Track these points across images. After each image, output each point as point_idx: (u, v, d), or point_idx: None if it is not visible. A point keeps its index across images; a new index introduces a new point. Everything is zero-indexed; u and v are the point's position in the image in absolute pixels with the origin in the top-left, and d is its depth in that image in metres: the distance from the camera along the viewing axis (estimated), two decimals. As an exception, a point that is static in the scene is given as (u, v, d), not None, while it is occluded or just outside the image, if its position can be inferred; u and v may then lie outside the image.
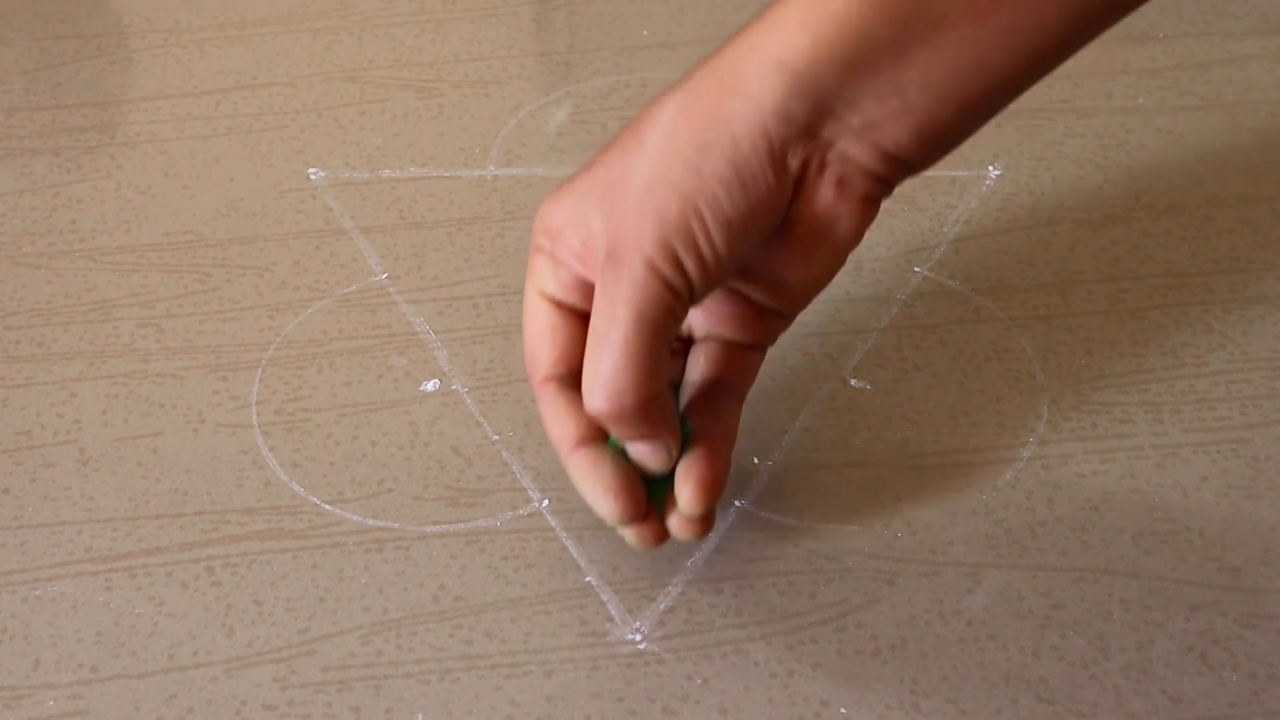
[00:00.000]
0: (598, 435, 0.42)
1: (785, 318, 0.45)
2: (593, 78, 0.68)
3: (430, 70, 0.68)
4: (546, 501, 0.48)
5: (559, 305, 0.43)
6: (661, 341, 0.40)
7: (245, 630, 0.45)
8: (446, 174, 0.63)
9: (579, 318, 0.43)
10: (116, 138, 0.65)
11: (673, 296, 0.40)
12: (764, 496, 0.49)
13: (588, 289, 0.42)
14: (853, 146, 0.40)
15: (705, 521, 0.43)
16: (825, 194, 0.40)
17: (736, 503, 0.48)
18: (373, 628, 0.45)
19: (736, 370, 0.45)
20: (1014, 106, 0.43)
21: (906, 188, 0.60)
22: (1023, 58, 0.39)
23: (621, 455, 0.43)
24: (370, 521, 0.48)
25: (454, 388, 0.53)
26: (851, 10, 0.37)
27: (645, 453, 0.42)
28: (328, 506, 0.49)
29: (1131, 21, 0.45)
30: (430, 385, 0.53)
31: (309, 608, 0.45)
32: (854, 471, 0.49)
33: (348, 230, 0.60)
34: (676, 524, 0.43)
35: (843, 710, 0.42)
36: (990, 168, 0.62)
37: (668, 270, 0.39)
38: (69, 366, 0.54)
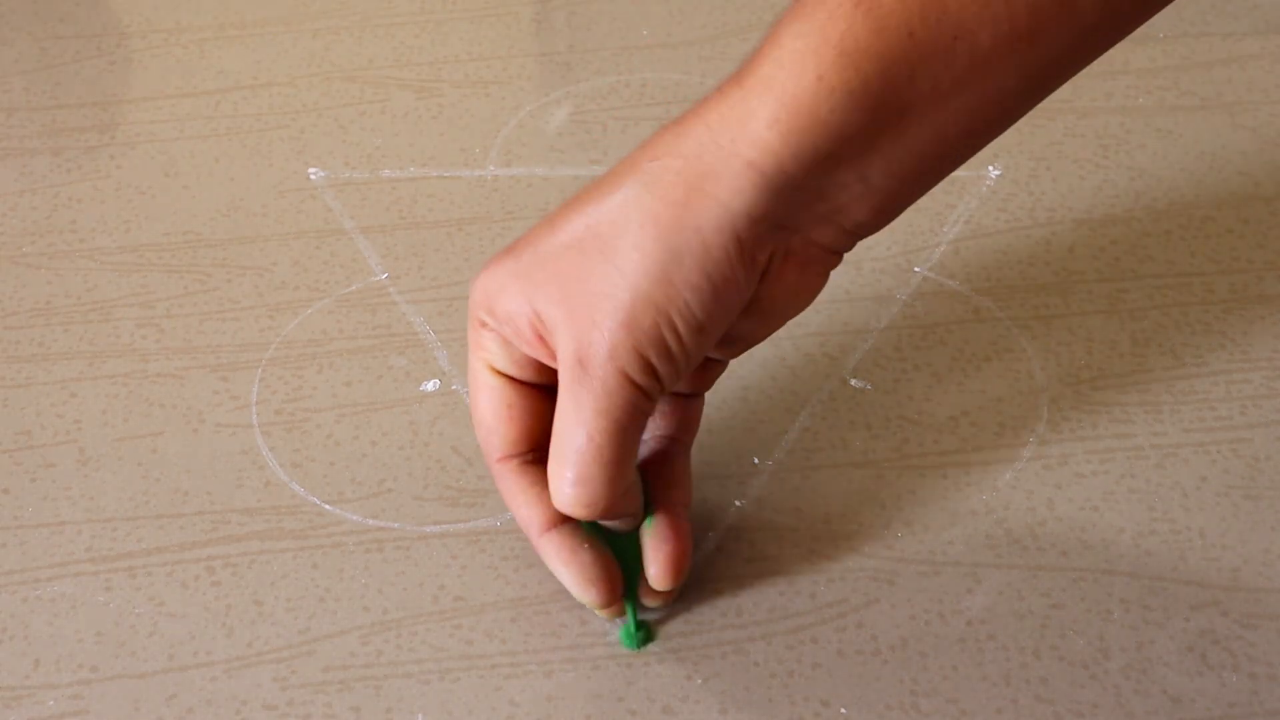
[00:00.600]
0: (567, 516, 0.43)
1: (724, 363, 0.45)
2: (593, 78, 0.68)
3: (430, 70, 0.69)
4: (546, 501, 0.48)
5: (512, 381, 0.43)
6: (632, 443, 0.41)
7: (245, 630, 0.45)
8: (446, 174, 0.63)
9: (535, 392, 0.43)
10: (116, 138, 0.65)
11: (644, 399, 0.40)
12: (764, 496, 0.49)
13: (540, 368, 0.42)
14: (816, 231, 0.40)
15: (675, 591, 0.44)
16: (789, 275, 0.40)
17: (736, 503, 0.48)
18: (373, 628, 0.45)
19: (682, 420, 0.46)
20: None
21: (906, 188, 0.60)
22: (980, 128, 0.39)
23: (592, 530, 0.43)
24: (370, 521, 0.48)
25: (454, 388, 0.53)
26: (821, 104, 0.36)
27: (611, 525, 0.44)
28: (328, 506, 0.49)
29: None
30: (430, 385, 0.53)
31: (309, 608, 0.45)
32: (854, 471, 0.49)
33: (348, 230, 0.60)
34: (647, 595, 0.44)
35: (843, 710, 0.42)
36: (990, 168, 0.62)
37: (640, 378, 0.39)
38: (69, 366, 0.54)
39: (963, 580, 0.46)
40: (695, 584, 0.46)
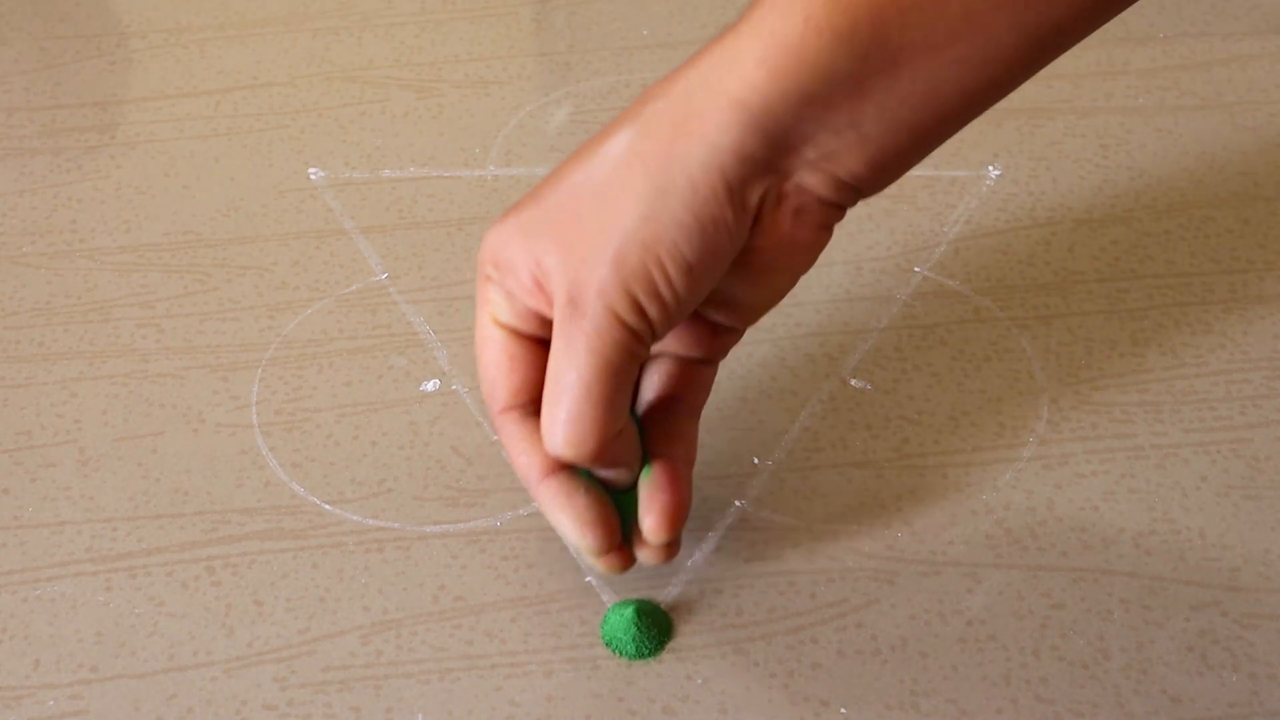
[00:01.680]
0: (564, 463, 0.42)
1: (737, 332, 0.45)
2: (593, 78, 0.68)
3: (430, 70, 0.69)
4: (546, 501, 0.48)
5: (515, 334, 0.43)
6: (623, 385, 0.40)
7: (245, 630, 0.45)
8: (446, 174, 0.63)
9: (537, 345, 0.43)
10: (116, 138, 0.65)
11: (635, 341, 0.39)
12: (764, 496, 0.49)
13: (542, 320, 0.42)
14: (809, 178, 0.39)
15: (672, 548, 0.43)
16: (783, 224, 0.40)
17: (736, 503, 0.48)
18: (373, 628, 0.45)
19: (690, 386, 0.45)
20: (1014, 106, 0.44)
21: (906, 188, 0.61)
22: (975, 86, 0.39)
23: (590, 479, 0.43)
24: (370, 521, 0.48)
25: (454, 388, 0.53)
26: (809, 45, 0.36)
27: (607, 475, 0.43)
28: (328, 506, 0.49)
29: (1131, 21, 0.45)
30: (430, 385, 0.53)
31: (309, 608, 0.45)
32: (854, 471, 0.49)
33: (348, 230, 0.60)
34: (643, 551, 0.43)
35: (843, 710, 0.42)
36: (990, 168, 0.62)
37: (629, 317, 0.39)
38: (69, 366, 0.54)
39: (963, 580, 0.46)
40: (695, 584, 0.46)
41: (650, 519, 0.42)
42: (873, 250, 0.58)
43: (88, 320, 0.56)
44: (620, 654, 0.44)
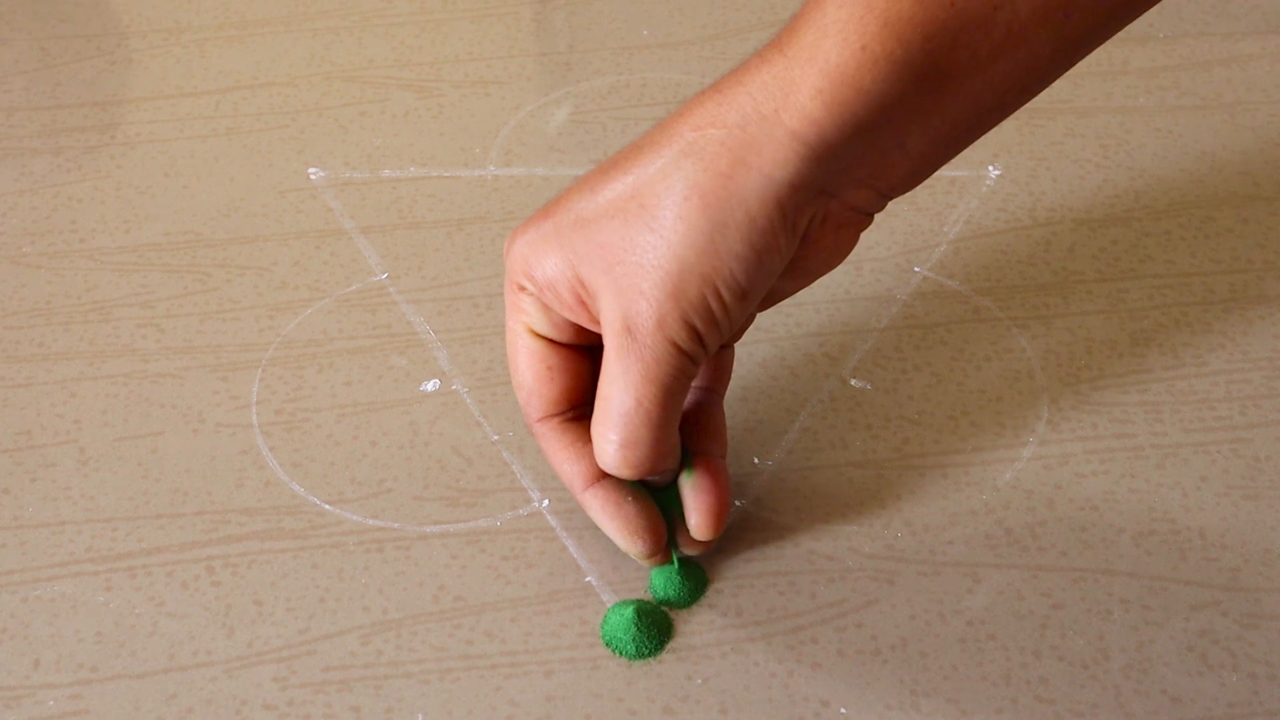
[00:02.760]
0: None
1: (754, 316, 0.46)
2: (593, 78, 0.68)
3: (430, 70, 0.69)
4: (546, 501, 0.48)
5: (551, 344, 0.44)
6: (679, 405, 0.42)
7: (245, 630, 0.45)
8: (446, 174, 0.63)
9: (573, 354, 0.44)
10: (116, 138, 0.65)
11: (691, 364, 0.41)
12: (764, 496, 0.49)
13: (579, 329, 0.43)
14: (854, 195, 0.40)
15: (714, 541, 0.45)
16: (826, 236, 0.41)
17: (737, 502, 0.48)
18: (373, 628, 0.45)
19: (716, 371, 0.47)
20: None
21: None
22: (1012, 96, 0.40)
23: (633, 484, 0.44)
24: (370, 521, 0.48)
25: (454, 388, 0.53)
26: (865, 75, 0.37)
27: (652, 478, 0.44)
28: (328, 506, 0.49)
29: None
30: (430, 385, 0.53)
31: (309, 608, 0.45)
32: (854, 471, 0.49)
33: (348, 230, 0.60)
34: (687, 544, 0.45)
35: (843, 710, 0.42)
36: (990, 168, 0.62)
37: (687, 345, 0.40)
38: (69, 366, 0.54)
39: (963, 580, 0.46)
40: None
41: (696, 518, 0.44)
42: (873, 250, 0.58)
43: (88, 320, 0.56)
44: (620, 654, 0.44)
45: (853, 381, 0.53)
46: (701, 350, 0.41)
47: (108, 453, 0.50)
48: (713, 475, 0.44)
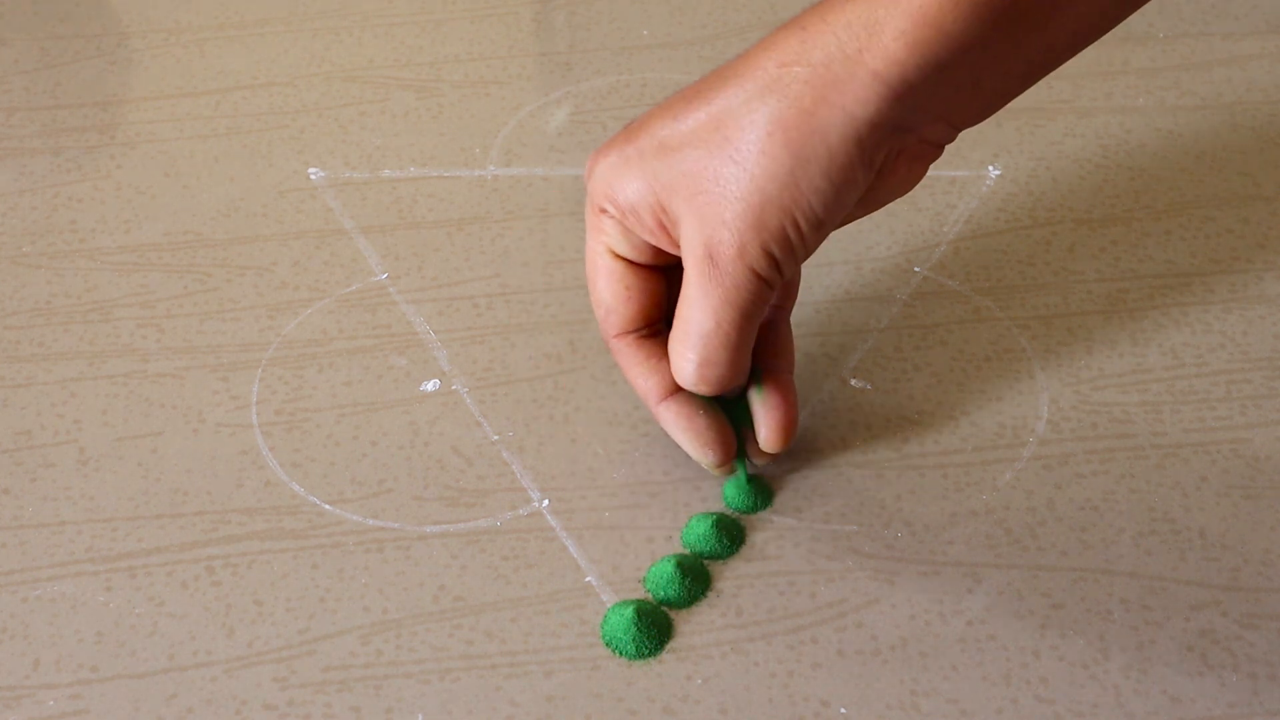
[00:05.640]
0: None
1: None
2: (593, 78, 0.68)
3: (430, 70, 0.69)
4: (547, 501, 0.48)
5: (631, 265, 0.46)
6: (755, 328, 0.45)
7: (245, 630, 0.45)
8: (446, 174, 0.63)
9: (651, 274, 0.46)
10: (116, 138, 0.65)
11: (768, 289, 0.43)
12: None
13: (658, 252, 0.45)
14: (929, 130, 0.42)
15: (780, 454, 0.48)
16: (899, 170, 0.43)
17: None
18: (373, 628, 0.45)
19: (784, 291, 0.50)
20: (1014, 106, 0.44)
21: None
22: (1081, 37, 0.42)
23: (705, 397, 0.47)
24: (370, 521, 0.48)
25: (454, 388, 0.53)
26: (947, 18, 0.39)
27: (726, 394, 0.47)
28: (328, 506, 0.49)
29: (1131, 21, 0.45)
30: (430, 385, 0.53)
31: (309, 608, 0.45)
32: (854, 471, 0.49)
33: (348, 230, 0.60)
34: (756, 455, 0.48)
35: (843, 710, 0.42)
36: (990, 168, 0.62)
37: (766, 271, 0.43)
38: (69, 366, 0.54)
39: (963, 580, 0.46)
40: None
41: (766, 433, 0.47)
42: (873, 250, 0.58)
43: (88, 320, 0.56)
44: (620, 654, 0.44)
45: (853, 381, 0.53)
46: (779, 276, 0.43)
47: (108, 453, 0.50)
48: (781, 391, 0.47)
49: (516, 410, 0.52)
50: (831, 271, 0.56)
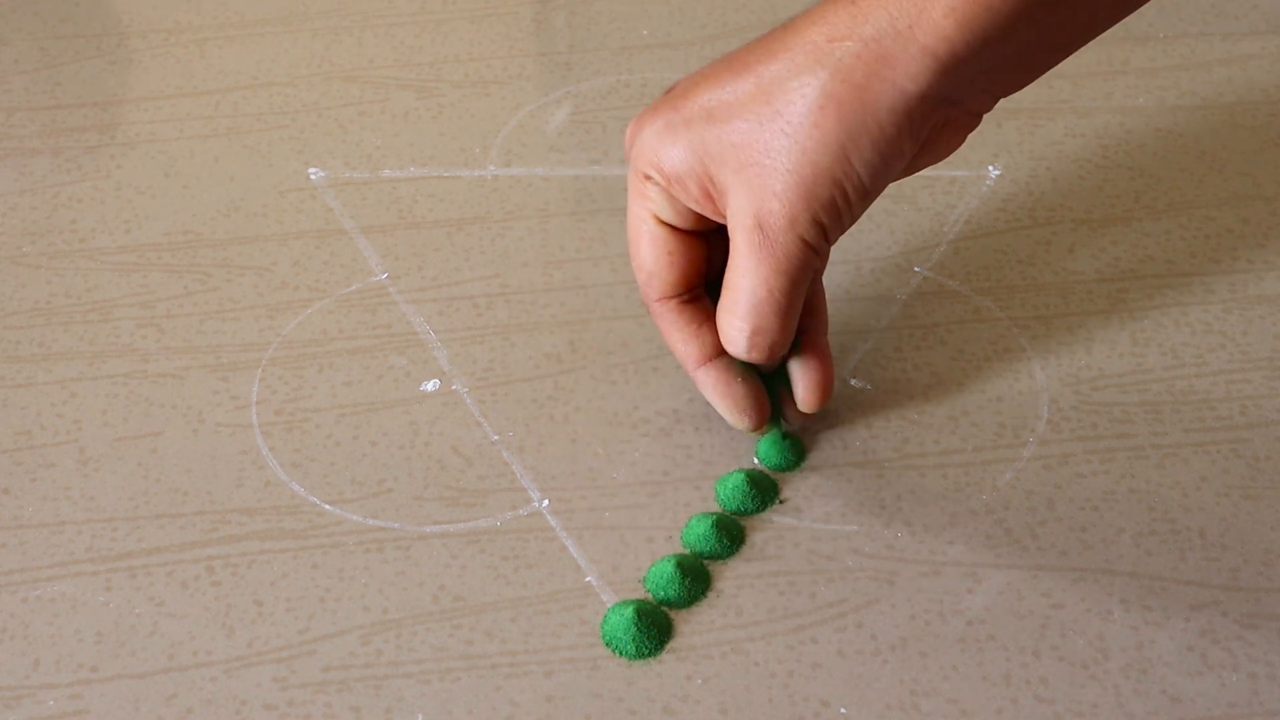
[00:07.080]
0: (721, 350, 0.47)
1: None
2: (593, 78, 0.68)
3: (430, 70, 0.69)
4: (547, 501, 0.48)
5: (674, 230, 0.46)
6: (804, 294, 0.46)
7: (245, 630, 0.45)
8: (446, 174, 0.63)
9: (693, 240, 0.47)
10: (116, 138, 0.65)
11: (817, 257, 0.45)
12: (764, 496, 0.49)
13: (700, 218, 0.46)
14: (975, 101, 0.43)
15: (815, 413, 0.49)
16: (943, 138, 0.44)
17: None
18: (373, 628, 0.45)
19: None
20: (1014, 106, 0.44)
21: (906, 187, 0.60)
22: (1121, 6, 0.42)
23: (742, 363, 0.48)
24: (370, 521, 0.48)
25: (454, 388, 0.53)
26: None
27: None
28: (328, 506, 0.49)
29: (1131, 21, 0.45)
30: (430, 385, 0.53)
31: (309, 608, 0.45)
32: (854, 471, 0.49)
33: (348, 230, 0.60)
34: (793, 415, 0.49)
35: (843, 710, 0.42)
36: (990, 168, 0.62)
37: (815, 240, 0.44)
38: (69, 366, 0.54)
39: (963, 580, 0.46)
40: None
41: (803, 392, 0.48)
42: (873, 250, 0.58)
43: (88, 320, 0.56)
44: (620, 654, 0.44)
45: (853, 381, 0.53)
46: (826, 244, 0.44)
47: (108, 453, 0.50)
48: (818, 352, 0.48)
49: (516, 410, 0.52)
50: (831, 271, 0.56)
